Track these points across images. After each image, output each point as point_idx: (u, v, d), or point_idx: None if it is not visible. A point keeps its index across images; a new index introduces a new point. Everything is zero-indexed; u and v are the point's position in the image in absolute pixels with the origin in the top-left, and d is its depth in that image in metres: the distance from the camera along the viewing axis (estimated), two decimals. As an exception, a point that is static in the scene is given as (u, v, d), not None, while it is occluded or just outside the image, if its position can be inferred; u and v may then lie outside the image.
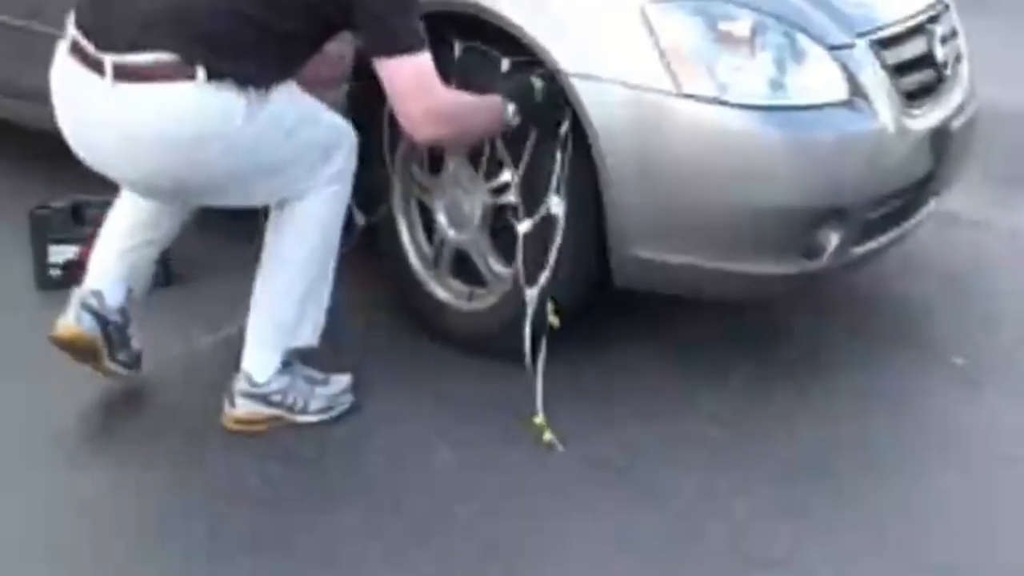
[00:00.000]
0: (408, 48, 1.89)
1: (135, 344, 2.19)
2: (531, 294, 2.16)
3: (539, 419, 2.09)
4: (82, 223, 2.54)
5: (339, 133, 2.06)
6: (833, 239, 2.12)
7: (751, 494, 1.98)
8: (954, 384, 2.32)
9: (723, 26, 2.07)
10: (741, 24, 2.07)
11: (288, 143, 1.97)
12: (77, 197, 2.56)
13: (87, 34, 1.91)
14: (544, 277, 2.15)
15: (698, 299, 2.31)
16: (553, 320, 2.17)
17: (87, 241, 2.37)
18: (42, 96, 2.03)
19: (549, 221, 2.13)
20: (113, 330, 2.12)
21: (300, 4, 1.89)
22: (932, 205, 2.39)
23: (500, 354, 2.27)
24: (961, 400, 2.27)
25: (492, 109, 2.04)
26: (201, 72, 1.85)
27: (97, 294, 2.11)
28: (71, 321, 2.09)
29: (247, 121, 1.89)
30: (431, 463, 2.05)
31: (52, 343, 2.10)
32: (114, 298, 2.13)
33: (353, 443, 2.10)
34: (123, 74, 1.86)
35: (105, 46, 1.88)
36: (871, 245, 2.23)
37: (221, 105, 1.87)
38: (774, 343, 2.46)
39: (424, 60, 1.90)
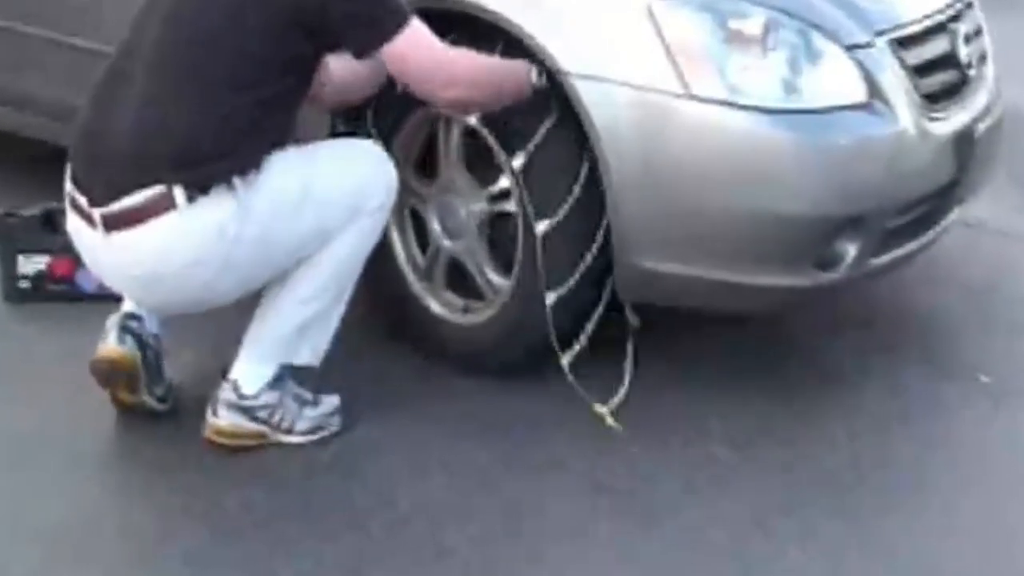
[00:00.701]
0: (396, 28, 1.92)
1: (168, 375, 2.20)
2: (552, 297, 2.16)
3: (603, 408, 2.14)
4: (53, 231, 2.53)
5: (367, 171, 2.06)
6: (850, 250, 2.13)
7: (762, 519, 1.98)
8: (978, 403, 2.32)
9: (733, 24, 2.07)
10: (752, 22, 2.08)
11: (303, 215, 1.98)
12: (49, 204, 2.55)
13: (79, 187, 1.99)
14: (571, 280, 2.16)
15: (707, 313, 2.31)
16: (632, 320, 2.23)
17: (59, 251, 2.39)
18: (17, 101, 2.05)
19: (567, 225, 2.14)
20: (152, 357, 2.14)
21: (273, 41, 1.92)
22: (955, 213, 2.39)
23: (497, 371, 2.30)
24: (986, 420, 2.27)
25: (515, 70, 2.06)
26: (180, 197, 1.91)
27: (136, 317, 2.13)
28: (113, 343, 2.10)
29: (243, 222, 1.93)
30: (424, 488, 2.05)
31: (92, 371, 2.11)
32: (152, 323, 2.16)
33: (341, 467, 2.10)
34: (112, 224, 1.94)
35: (95, 198, 1.96)
36: (891, 256, 2.24)
37: (207, 223, 1.92)
38: (788, 360, 2.46)
39: (416, 30, 1.94)
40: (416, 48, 1.96)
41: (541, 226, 2.14)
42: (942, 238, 2.41)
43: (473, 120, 2.20)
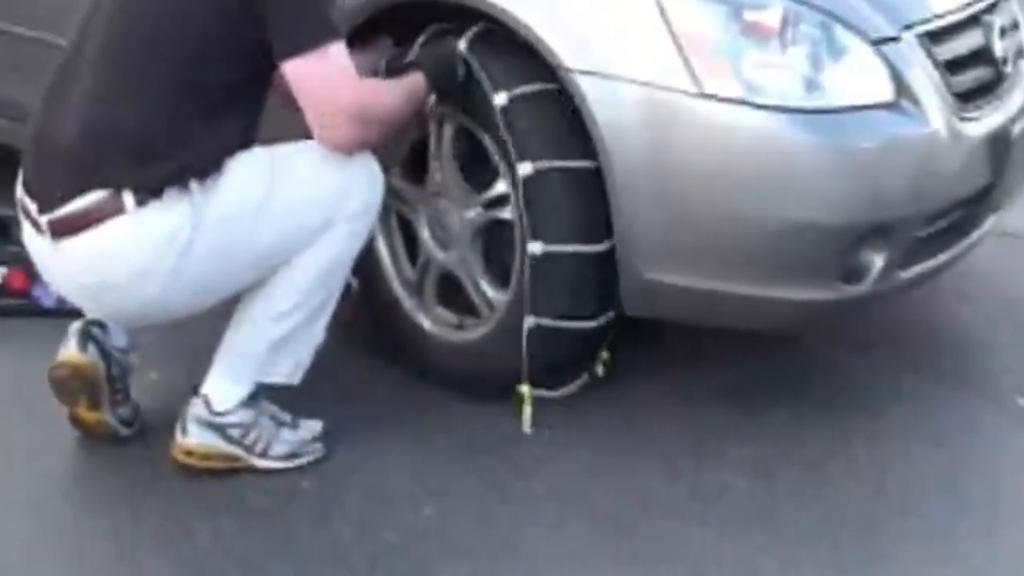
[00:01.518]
0: (316, 42, 1.92)
1: (134, 396, 2.20)
2: (530, 322, 2.17)
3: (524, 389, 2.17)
4: (8, 241, 2.55)
5: (344, 171, 2.04)
6: (877, 261, 2.13)
7: (781, 552, 1.98)
8: (1016, 427, 2.32)
9: (749, 16, 2.07)
10: (770, 13, 2.07)
11: (266, 221, 1.98)
12: (2, 212, 2.55)
13: (29, 192, 2.01)
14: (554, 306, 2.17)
15: (722, 330, 2.30)
16: (603, 359, 2.26)
17: (13, 263, 2.39)
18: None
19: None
20: (116, 371, 2.15)
21: (219, 38, 1.93)
22: (991, 221, 2.39)
23: (491, 393, 2.29)
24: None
25: (416, 96, 2.09)
26: (129, 200, 1.91)
27: (101, 325, 2.14)
28: (74, 349, 2.10)
29: (196, 228, 1.93)
30: (412, 520, 2.04)
31: (50, 378, 2.11)
32: (118, 335, 2.16)
33: (322, 495, 2.09)
34: (59, 231, 1.95)
35: (43, 204, 1.97)
36: (921, 268, 2.24)
37: (157, 229, 1.92)
38: (810, 381, 2.47)
39: (338, 52, 1.94)
40: (335, 72, 1.95)
41: (535, 247, 2.14)
42: (976, 248, 2.41)
43: (468, 120, 2.21)
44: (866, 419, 2.32)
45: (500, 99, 2.13)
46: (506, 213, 2.24)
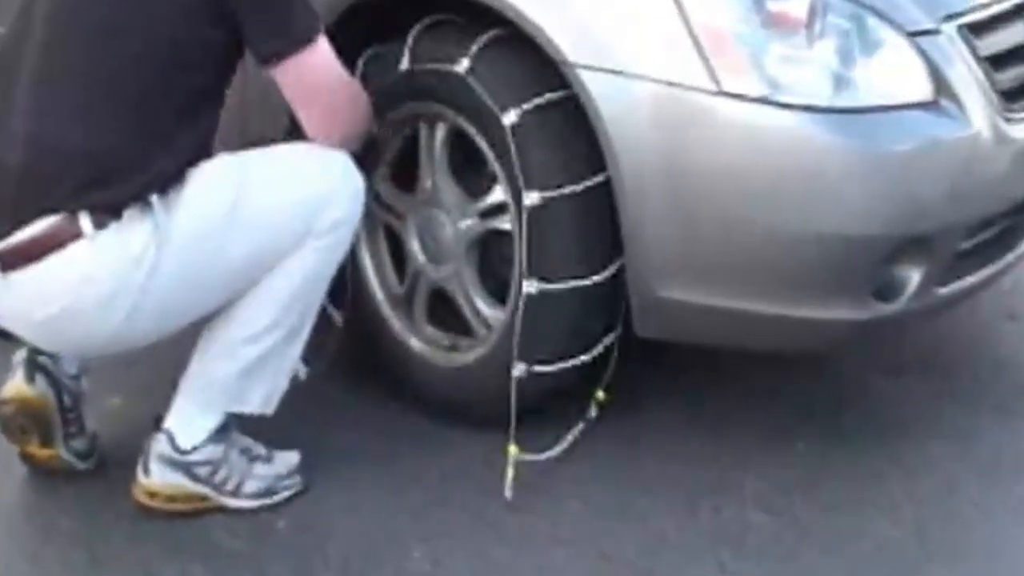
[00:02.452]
0: (304, 39, 1.96)
1: (90, 427, 2.20)
2: (519, 370, 2.18)
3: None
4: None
5: (320, 180, 2.04)
6: (913, 276, 2.13)
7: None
8: (1067, 461, 2.33)
9: (773, 6, 2.06)
10: (796, 4, 2.07)
11: (236, 237, 1.98)
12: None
13: None
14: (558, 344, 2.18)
15: (741, 353, 2.31)
16: (599, 396, 2.27)
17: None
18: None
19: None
20: (69, 401, 2.15)
21: (185, 41, 1.94)
22: (1039, 233, 2.41)
23: (487, 422, 2.27)
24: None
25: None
26: (87, 223, 1.91)
27: (50, 357, 2.13)
28: (21, 382, 2.10)
29: (162, 248, 1.93)
30: (400, 564, 2.03)
31: None
32: (69, 362, 2.16)
33: (300, 537, 2.08)
34: (10, 262, 1.93)
35: None
36: (961, 284, 2.23)
37: (120, 252, 1.92)
38: (839, 409, 2.46)
39: (325, 44, 1.99)
40: (325, 68, 2.00)
41: (531, 286, 2.15)
42: (1022, 262, 2.41)
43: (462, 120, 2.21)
44: (902, 452, 2.32)
45: (509, 118, 2.12)
46: (504, 223, 2.24)
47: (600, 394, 2.30)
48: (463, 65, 2.16)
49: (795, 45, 2.06)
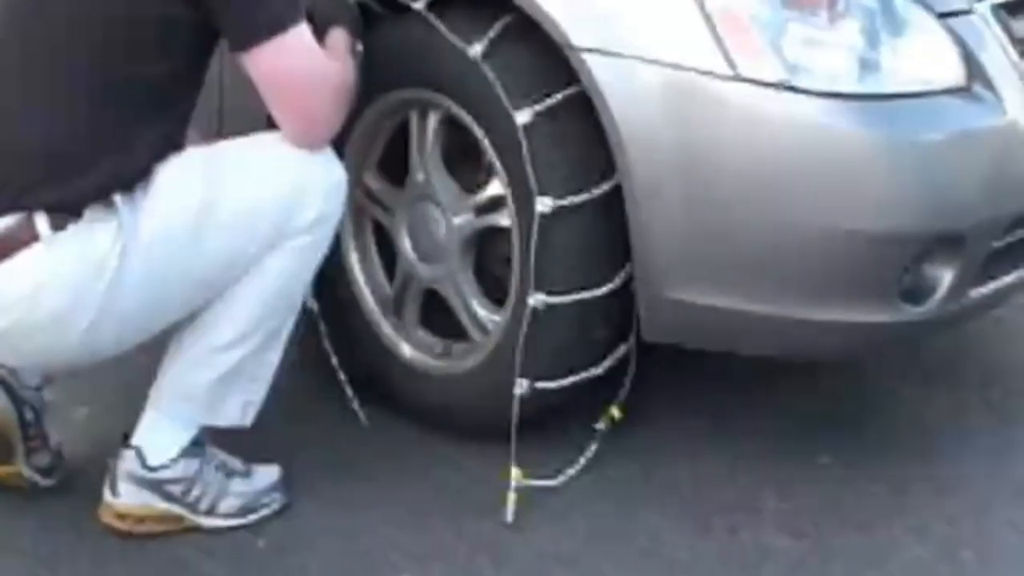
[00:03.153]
0: (281, 24, 1.93)
1: (54, 440, 2.19)
2: (522, 387, 2.18)
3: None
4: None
5: (296, 173, 2.02)
6: (944, 277, 2.12)
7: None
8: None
9: (793, -16, 2.07)
10: (818, -19, 2.08)
11: (207, 237, 1.97)
12: None
13: None
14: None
15: (758, 360, 2.30)
16: (614, 413, 2.28)
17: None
18: None
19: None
20: (30, 416, 2.14)
21: (150, 25, 1.92)
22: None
23: (482, 434, 2.27)
24: None
25: (353, 56, 2.12)
26: (43, 224, 1.90)
27: (9, 368, 2.11)
28: None
29: (127, 250, 1.92)
30: (386, 588, 2.02)
31: None
32: (30, 372, 2.14)
33: (281, 558, 2.08)
34: None
35: None
36: (996, 285, 2.23)
37: (81, 256, 1.91)
38: (864, 421, 2.46)
39: (304, 30, 1.96)
40: (301, 60, 1.98)
41: (537, 299, 2.15)
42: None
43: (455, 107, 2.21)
44: (932, 467, 2.33)
45: (523, 117, 2.11)
46: (502, 220, 2.24)
47: (615, 412, 2.30)
48: (477, 49, 2.14)
49: (816, 26, 2.06)
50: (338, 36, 2.11)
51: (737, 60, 2.02)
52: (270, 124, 2.06)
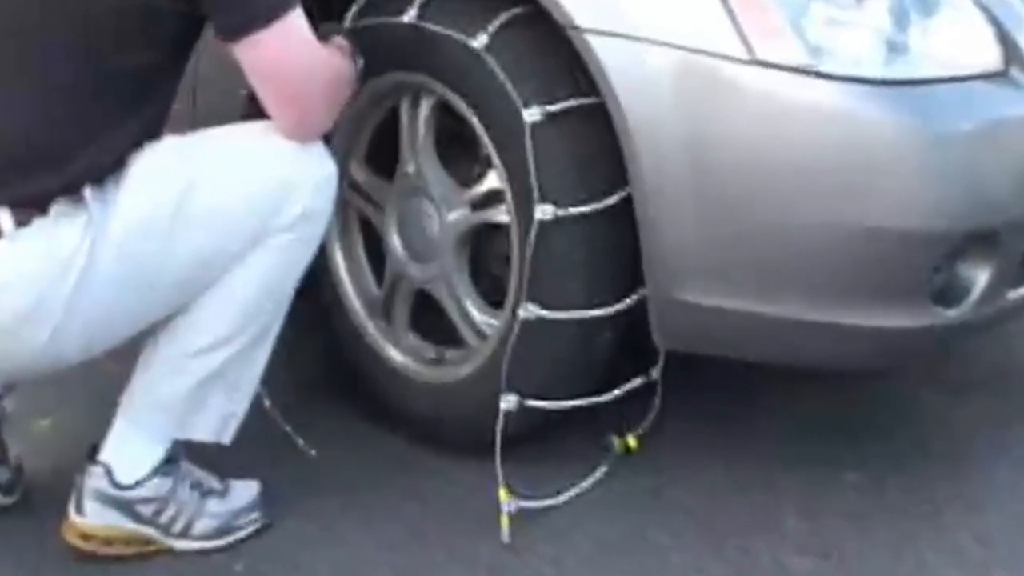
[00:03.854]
0: (276, 9, 1.94)
1: (14, 454, 2.20)
2: (509, 402, 2.18)
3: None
4: None
5: (281, 166, 2.02)
6: (979, 277, 2.12)
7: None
8: None
9: (815, -42, 2.08)
10: (842, -45, 2.08)
11: (183, 234, 1.96)
12: None
13: None
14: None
15: (777, 368, 2.29)
16: (629, 442, 2.30)
17: None
18: None
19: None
20: None
21: (133, 13, 1.92)
22: None
23: (478, 448, 2.25)
24: None
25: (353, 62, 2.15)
26: (6, 220, 1.91)
27: None
28: None
29: (96, 248, 1.92)
30: (374, 614, 2.04)
31: None
32: None
33: (258, 583, 2.07)
34: None
35: None
36: (1036, 286, 2.25)
37: (46, 254, 1.91)
38: (892, 435, 2.46)
39: (299, 16, 1.97)
40: (296, 48, 1.99)
41: (530, 311, 2.15)
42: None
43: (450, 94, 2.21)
44: (966, 485, 2.32)
45: (532, 115, 2.10)
46: (500, 215, 2.25)
47: (631, 441, 2.31)
48: (480, 40, 2.13)
49: (841, 5, 2.05)
50: (339, 39, 2.15)
51: (754, 42, 2.01)
52: (245, 116, 2.07)
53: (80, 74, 1.93)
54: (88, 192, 1.93)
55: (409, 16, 2.18)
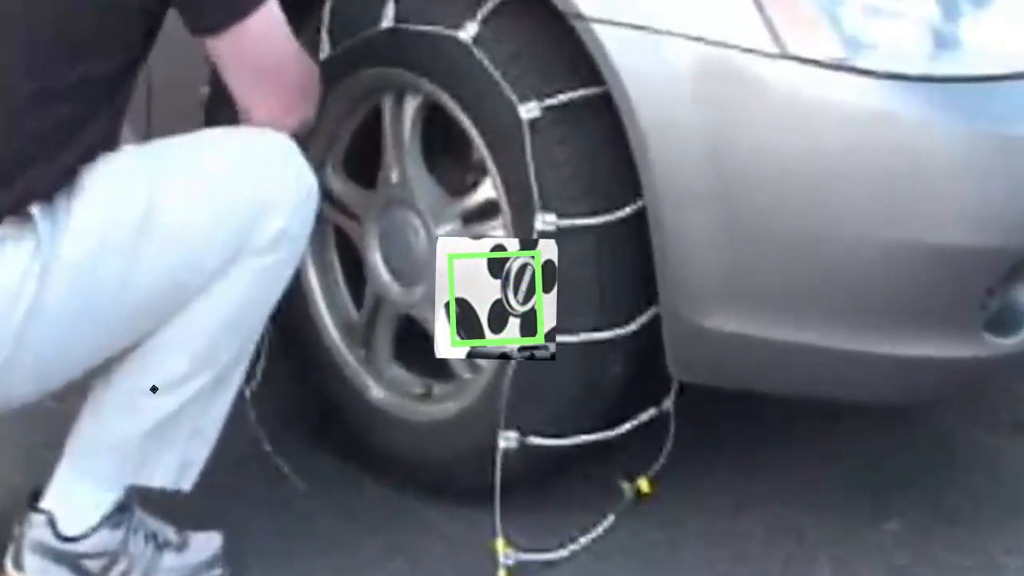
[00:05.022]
0: (251, 4, 1.97)
1: None
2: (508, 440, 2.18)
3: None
4: None
5: (257, 177, 2.03)
6: None
7: None
8: None
9: (853, -59, 2.08)
10: (883, -62, 2.09)
11: (146, 257, 1.96)
12: None
13: None
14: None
15: (811, 403, 2.30)
16: (642, 487, 2.31)
17: None
18: None
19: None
20: None
21: (93, 20, 1.94)
22: None
23: (470, 495, 2.26)
24: None
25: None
26: None
27: None
28: None
29: (47, 273, 1.91)
30: None
31: None
32: None
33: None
34: None
35: None
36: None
37: None
38: (939, 478, 2.47)
39: (274, 8, 2.01)
40: (272, 40, 2.03)
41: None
42: None
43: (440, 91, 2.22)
44: (1009, 517, 2.34)
45: (529, 110, 2.11)
46: (496, 229, 2.24)
47: (644, 485, 2.31)
48: (469, 31, 2.14)
49: (883, -7, 2.07)
50: None
51: (785, 34, 2.01)
52: (208, 121, 2.10)
53: (32, 93, 1.94)
54: (36, 211, 1.92)
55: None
